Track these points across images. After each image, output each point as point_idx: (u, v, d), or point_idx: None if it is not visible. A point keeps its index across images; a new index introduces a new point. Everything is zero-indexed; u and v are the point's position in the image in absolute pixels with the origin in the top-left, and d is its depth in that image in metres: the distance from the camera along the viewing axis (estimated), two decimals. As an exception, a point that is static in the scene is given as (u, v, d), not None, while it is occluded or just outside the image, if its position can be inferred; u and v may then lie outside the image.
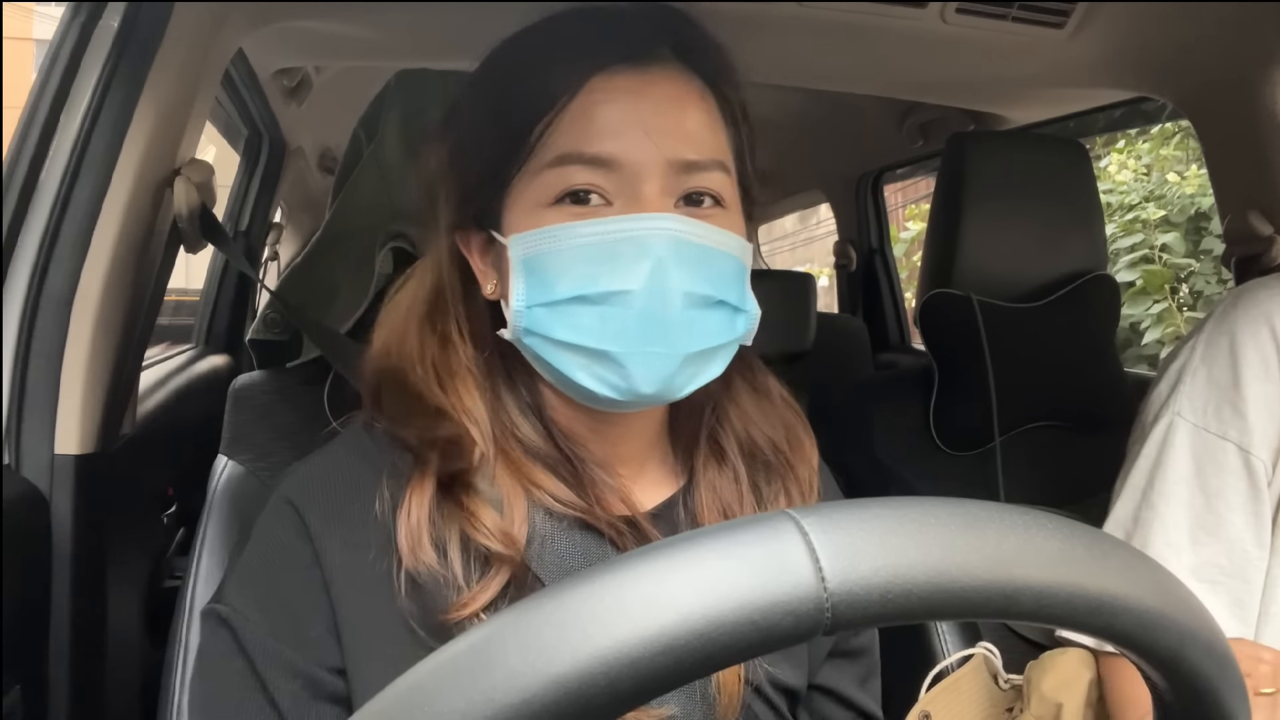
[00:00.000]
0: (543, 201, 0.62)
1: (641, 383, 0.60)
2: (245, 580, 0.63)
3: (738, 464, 0.71)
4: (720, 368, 0.65)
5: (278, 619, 0.61)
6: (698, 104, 0.64)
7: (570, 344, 0.61)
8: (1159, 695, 0.37)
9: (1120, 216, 4.33)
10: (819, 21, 1.24)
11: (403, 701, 0.31)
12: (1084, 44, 1.35)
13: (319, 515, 0.63)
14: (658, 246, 0.59)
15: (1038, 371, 1.35)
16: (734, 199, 0.66)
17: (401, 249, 1.01)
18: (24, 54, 5.19)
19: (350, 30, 1.36)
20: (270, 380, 1.05)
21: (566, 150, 0.61)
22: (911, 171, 2.99)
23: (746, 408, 0.73)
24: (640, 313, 0.59)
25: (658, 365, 0.60)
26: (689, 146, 0.62)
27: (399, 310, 0.70)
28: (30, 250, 0.90)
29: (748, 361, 0.74)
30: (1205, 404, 0.97)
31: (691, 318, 0.60)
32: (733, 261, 0.64)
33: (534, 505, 0.64)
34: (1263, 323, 0.96)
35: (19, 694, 0.83)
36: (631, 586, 0.30)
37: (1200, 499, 0.95)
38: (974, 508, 0.33)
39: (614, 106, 0.62)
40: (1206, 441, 0.96)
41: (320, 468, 0.66)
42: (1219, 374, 0.97)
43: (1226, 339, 0.97)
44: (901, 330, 2.76)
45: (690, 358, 0.61)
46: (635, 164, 0.61)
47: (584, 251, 0.60)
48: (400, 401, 0.66)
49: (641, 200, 0.61)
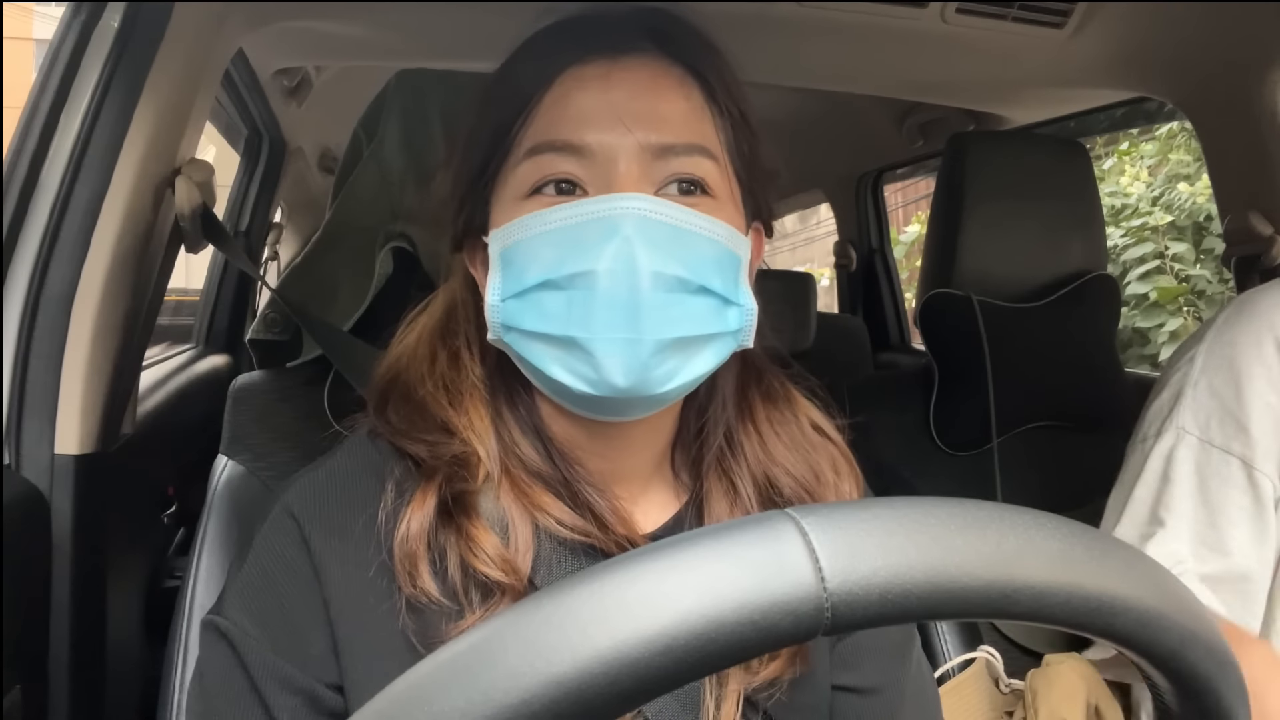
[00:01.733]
0: (520, 194, 0.61)
1: (613, 373, 0.57)
2: (245, 593, 0.62)
3: (751, 507, 0.66)
4: (710, 364, 0.61)
5: (278, 634, 0.60)
6: (675, 89, 0.62)
7: (540, 334, 0.59)
8: (1159, 695, 0.37)
9: (1127, 221, 4.28)
10: (819, 21, 1.24)
11: (403, 701, 0.31)
12: (1084, 44, 1.35)
13: (321, 530, 0.62)
14: (625, 226, 0.56)
15: (1038, 372, 1.35)
16: (725, 189, 0.62)
17: (401, 249, 1.01)
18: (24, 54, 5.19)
19: (350, 30, 1.36)
20: (270, 380, 1.05)
21: (539, 140, 0.60)
22: (911, 171, 2.99)
23: (769, 440, 0.68)
24: (605, 294, 0.56)
25: (628, 352, 0.56)
26: (664, 130, 0.60)
27: (414, 329, 0.70)
28: (30, 250, 0.90)
29: (768, 383, 0.70)
30: (1209, 417, 0.95)
31: (665, 301, 0.57)
32: (716, 247, 0.60)
33: (540, 529, 0.62)
34: (1266, 332, 0.95)
35: (19, 694, 0.83)
36: (631, 586, 0.30)
37: (1204, 514, 0.94)
38: (974, 508, 0.33)
39: (586, 93, 0.60)
40: (1210, 456, 0.94)
41: (325, 479, 0.65)
42: (1221, 386, 0.95)
43: (1227, 350, 0.96)
44: (901, 330, 2.76)
45: (667, 346, 0.57)
46: (608, 148, 0.59)
47: (552, 236, 0.58)
48: (408, 414, 0.65)
49: (614, 185, 0.59)
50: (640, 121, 0.59)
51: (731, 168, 0.63)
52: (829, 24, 1.26)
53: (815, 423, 0.71)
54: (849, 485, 0.70)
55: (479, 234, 0.65)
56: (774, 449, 0.68)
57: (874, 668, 0.70)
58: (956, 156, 1.35)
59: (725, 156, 0.63)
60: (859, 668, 0.69)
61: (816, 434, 0.71)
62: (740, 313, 0.62)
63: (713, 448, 0.68)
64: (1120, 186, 4.47)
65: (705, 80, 0.63)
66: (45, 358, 0.90)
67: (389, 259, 1.01)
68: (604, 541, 0.62)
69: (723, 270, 0.61)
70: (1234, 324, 0.98)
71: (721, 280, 0.60)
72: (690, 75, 0.63)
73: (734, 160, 0.64)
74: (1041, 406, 1.35)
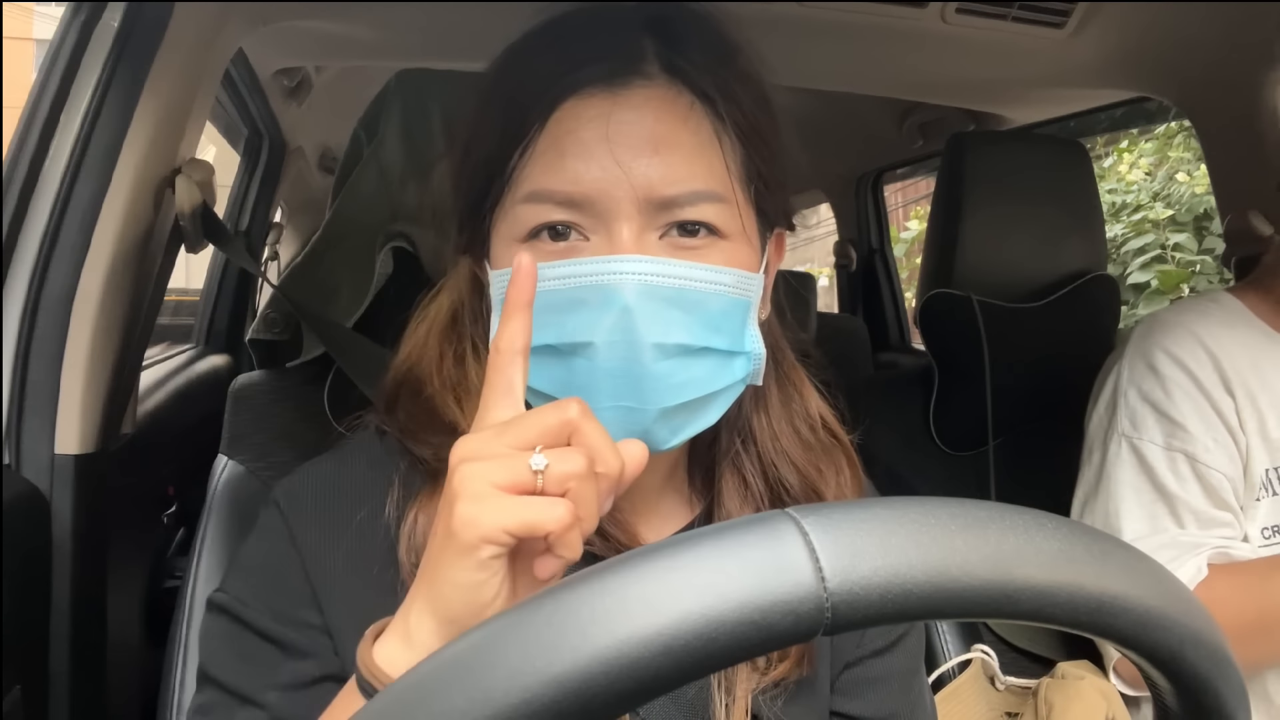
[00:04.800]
0: (518, 236, 0.59)
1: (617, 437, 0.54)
2: (245, 572, 0.64)
3: (762, 503, 0.67)
4: (717, 415, 0.60)
5: (277, 606, 0.61)
6: (681, 127, 0.58)
7: (543, 393, 0.58)
8: (1159, 695, 0.37)
9: (1128, 216, 4.32)
10: (819, 21, 1.24)
11: (403, 701, 0.31)
12: (1084, 44, 1.35)
13: (310, 521, 0.62)
14: (625, 294, 0.55)
15: (1038, 372, 1.35)
16: (736, 228, 0.60)
17: (402, 249, 1.01)
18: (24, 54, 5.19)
19: (350, 30, 1.36)
20: (270, 380, 1.05)
21: (536, 188, 0.58)
22: (911, 171, 2.99)
23: (781, 435, 0.68)
24: (606, 367, 0.55)
25: (630, 420, 0.56)
26: (667, 181, 0.57)
27: (424, 321, 0.69)
28: (30, 250, 0.90)
29: (787, 375, 0.70)
30: (1144, 419, 1.02)
31: (668, 370, 0.56)
32: (723, 300, 0.58)
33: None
34: (1190, 340, 1.02)
35: (19, 694, 0.83)
36: (632, 586, 0.30)
37: (1161, 504, 0.99)
38: (974, 508, 0.33)
39: (584, 136, 0.57)
40: (1155, 452, 1.00)
41: (326, 472, 0.66)
42: (1149, 392, 1.02)
43: (1142, 359, 1.04)
44: (901, 330, 2.76)
45: (671, 411, 0.57)
46: (608, 201, 0.57)
47: (551, 297, 0.56)
48: (416, 414, 0.65)
49: (615, 241, 0.56)
50: (642, 172, 0.56)
51: (743, 199, 0.61)
52: (829, 24, 1.26)
53: (825, 420, 0.71)
54: (851, 486, 0.69)
55: (480, 257, 0.64)
56: (785, 444, 0.68)
57: (879, 699, 0.70)
58: (956, 156, 1.35)
59: (737, 190, 0.60)
60: (863, 697, 0.69)
61: (825, 432, 0.70)
62: (746, 360, 0.61)
63: (728, 456, 0.67)
64: (1120, 175, 4.49)
65: (715, 107, 0.60)
66: (45, 358, 0.90)
67: (389, 259, 1.01)
68: (603, 550, 0.62)
69: (729, 322, 0.59)
70: (1152, 337, 1.04)
71: (727, 334, 0.59)
72: (699, 103, 0.59)
73: (745, 188, 0.61)
74: (1041, 407, 1.35)
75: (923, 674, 0.74)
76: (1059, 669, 1.04)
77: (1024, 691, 1.08)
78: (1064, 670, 1.03)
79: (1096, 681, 0.99)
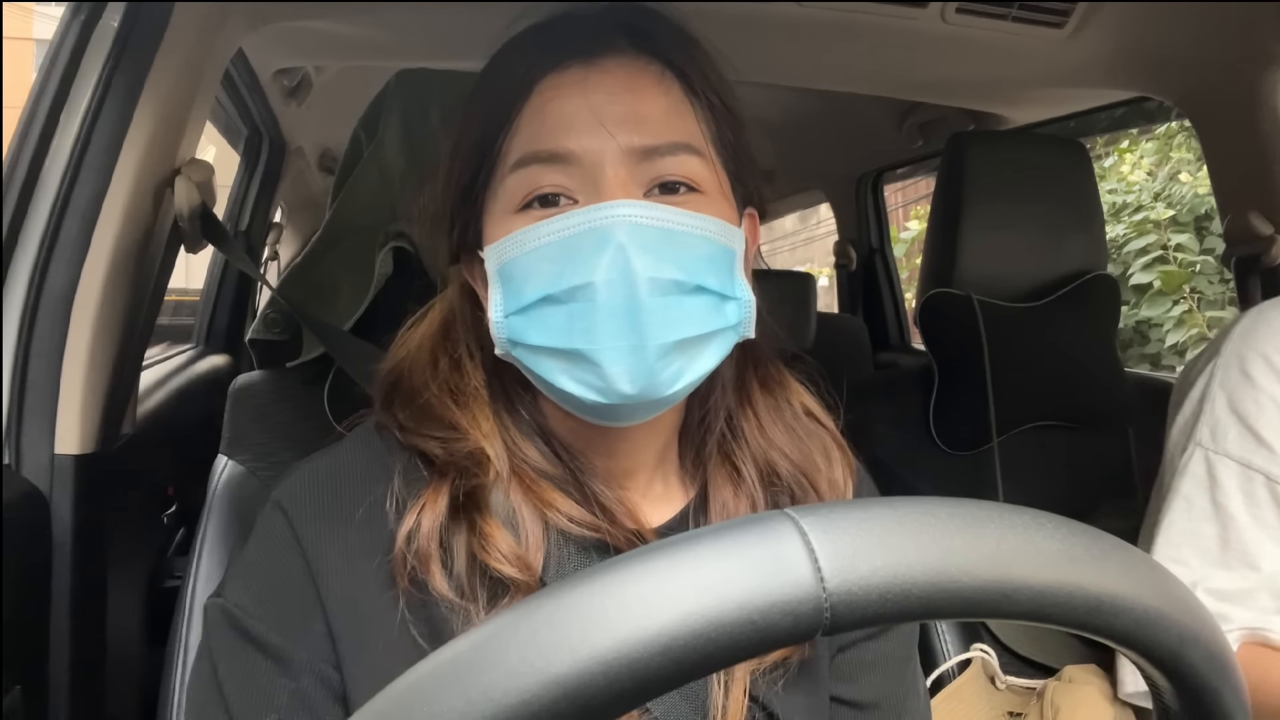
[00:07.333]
0: (510, 208, 0.61)
1: (620, 380, 0.57)
2: (246, 577, 0.63)
3: (755, 490, 0.68)
4: (713, 360, 0.62)
5: (278, 612, 0.60)
6: (654, 87, 0.62)
7: (545, 348, 0.59)
8: (1159, 695, 0.37)
9: (1129, 216, 4.32)
10: (819, 21, 1.24)
11: (402, 701, 0.31)
12: (1084, 44, 1.35)
13: (312, 519, 0.62)
14: (617, 234, 0.57)
15: (1037, 371, 1.35)
16: (714, 184, 0.63)
17: (401, 249, 1.01)
18: (24, 54, 5.19)
19: (350, 30, 1.36)
20: (270, 380, 1.05)
21: (524, 152, 0.60)
22: (911, 171, 2.99)
23: (767, 426, 0.69)
24: (605, 305, 0.57)
25: (633, 359, 0.57)
26: (646, 132, 0.60)
27: (415, 332, 0.70)
28: (30, 250, 0.90)
29: (768, 370, 0.71)
30: (1226, 432, 0.93)
31: (664, 305, 0.57)
32: (709, 244, 0.60)
33: (550, 527, 0.63)
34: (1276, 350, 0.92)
35: (19, 694, 0.83)
36: (631, 586, 0.30)
37: (1210, 525, 0.92)
38: (973, 507, 0.33)
39: (565, 100, 0.60)
40: (1229, 470, 0.92)
41: (324, 468, 0.66)
42: (1238, 402, 0.93)
43: (1236, 363, 0.94)
44: (901, 330, 2.76)
45: (670, 349, 0.58)
46: (592, 154, 0.59)
47: (547, 250, 0.58)
48: (416, 415, 0.65)
49: (603, 192, 0.59)
50: (622, 124, 0.59)
51: (718, 160, 0.63)
52: (829, 24, 1.26)
53: (808, 408, 0.72)
54: (841, 470, 0.71)
55: (474, 247, 0.65)
56: (772, 434, 0.69)
57: (872, 683, 0.70)
58: (956, 156, 1.35)
59: (711, 150, 0.63)
60: (857, 681, 0.70)
61: (810, 420, 0.72)
62: (739, 306, 0.62)
63: (715, 434, 0.69)
64: (1122, 175, 4.50)
65: (684, 74, 0.63)
66: (45, 357, 0.90)
67: (389, 259, 1.01)
68: (614, 536, 0.63)
69: (717, 266, 0.61)
70: (1248, 338, 0.95)
71: (717, 277, 0.61)
72: (668, 71, 0.63)
73: (720, 152, 0.64)
74: (1041, 406, 1.35)
75: (916, 662, 0.75)
76: (1065, 672, 1.03)
77: (1026, 692, 1.08)
78: (1070, 674, 1.02)
79: (1104, 687, 0.99)
